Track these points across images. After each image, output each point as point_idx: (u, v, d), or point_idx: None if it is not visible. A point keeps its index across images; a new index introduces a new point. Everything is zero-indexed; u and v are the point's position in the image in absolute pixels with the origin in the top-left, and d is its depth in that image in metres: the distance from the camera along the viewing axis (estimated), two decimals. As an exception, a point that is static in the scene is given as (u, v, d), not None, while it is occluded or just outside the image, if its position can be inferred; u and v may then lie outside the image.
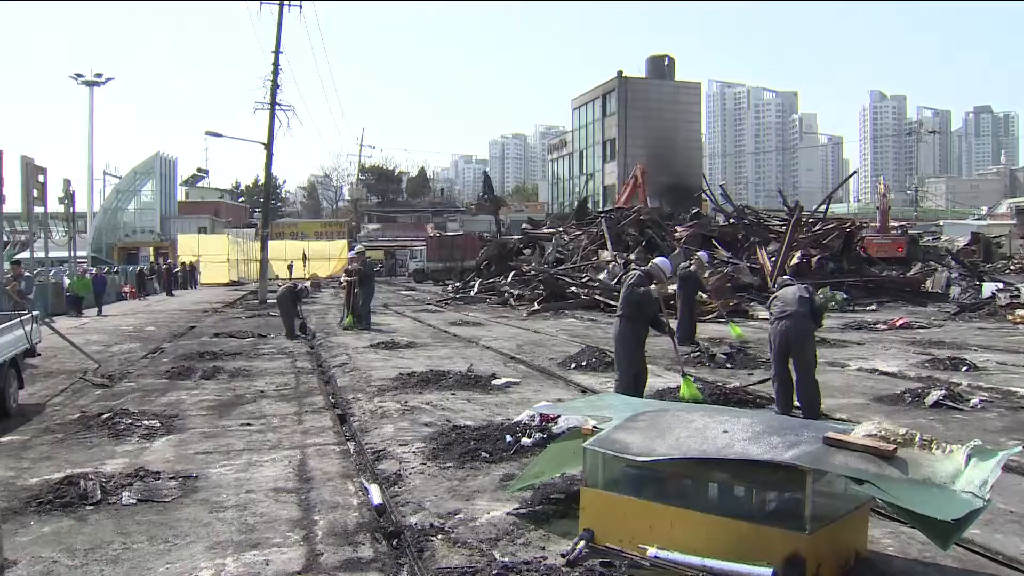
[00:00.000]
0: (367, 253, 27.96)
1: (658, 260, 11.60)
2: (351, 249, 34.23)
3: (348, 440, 9.21)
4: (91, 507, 6.65)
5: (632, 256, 32.10)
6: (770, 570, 4.67)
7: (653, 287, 10.70)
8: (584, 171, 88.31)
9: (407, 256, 71.85)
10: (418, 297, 39.96)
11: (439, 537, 5.91)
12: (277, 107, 37.21)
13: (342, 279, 26.52)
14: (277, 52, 37.09)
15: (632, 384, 10.35)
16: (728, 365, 14.73)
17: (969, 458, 4.98)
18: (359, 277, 22.53)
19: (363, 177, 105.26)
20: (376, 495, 6.92)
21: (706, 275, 21.97)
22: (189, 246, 62.11)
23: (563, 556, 5.38)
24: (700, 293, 20.61)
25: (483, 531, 6.03)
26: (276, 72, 37.24)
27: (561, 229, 40.96)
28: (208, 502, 6.82)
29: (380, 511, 6.58)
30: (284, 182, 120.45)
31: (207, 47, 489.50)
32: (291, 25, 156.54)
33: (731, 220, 38.41)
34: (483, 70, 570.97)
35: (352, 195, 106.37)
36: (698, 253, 21.40)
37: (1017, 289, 29.71)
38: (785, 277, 11.87)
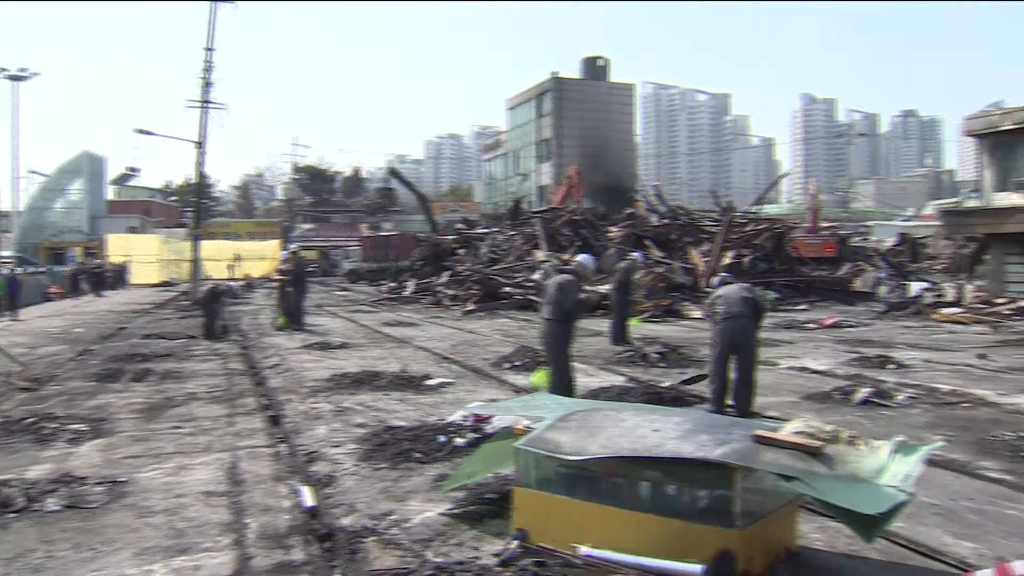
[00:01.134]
0: (301, 253, 27.73)
1: (582, 258, 11.71)
2: (284, 249, 33.95)
3: (280, 442, 9.10)
4: (13, 515, 6.47)
5: (542, 255, 32.27)
6: (701, 567, 4.73)
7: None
8: (519, 171, 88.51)
9: (341, 256, 71.45)
10: (352, 297, 39.73)
11: (372, 539, 5.88)
12: (209, 105, 36.75)
13: (275, 279, 26.25)
14: (209, 49, 36.60)
15: (564, 384, 10.42)
16: (661, 364, 14.86)
17: (893, 453, 5.10)
18: (292, 277, 22.34)
19: (297, 176, 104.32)
20: (308, 497, 6.85)
21: (640, 275, 22.13)
22: (119, 246, 61.05)
23: (496, 556, 5.39)
24: (634, 293, 20.77)
25: (416, 532, 6.02)
26: (208, 69, 36.75)
27: (496, 229, 40.99)
28: (136, 507, 6.70)
29: (312, 513, 6.52)
30: (218, 181, 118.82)
31: (138, 44, 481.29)
32: (225, 23, 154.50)
33: (665, 220, 38.70)
34: (418, 69, 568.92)
35: (286, 195, 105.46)
36: (633, 254, 21.58)
37: (942, 289, 30.39)
38: (725, 275, 11.93)
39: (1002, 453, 8.43)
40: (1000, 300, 27.45)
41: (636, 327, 18.25)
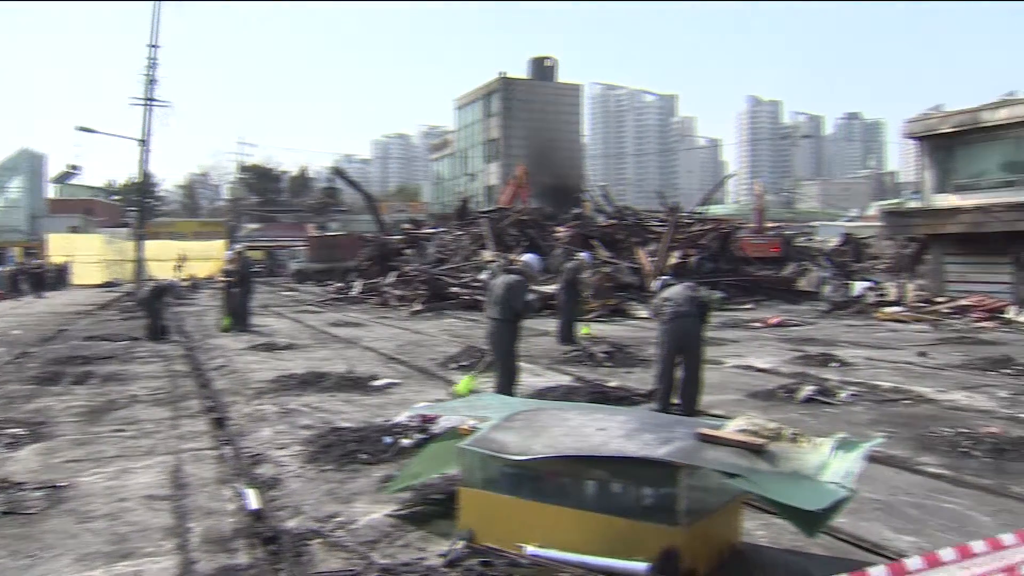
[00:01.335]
0: (246, 253, 27.46)
1: (528, 258, 11.76)
2: (230, 249, 33.59)
3: (225, 444, 8.99)
4: (-52, 522, 6.36)
5: (489, 255, 32.31)
6: (646, 565, 4.75)
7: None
8: (467, 171, 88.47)
9: (288, 256, 70.88)
10: (299, 298, 39.42)
11: (317, 541, 5.84)
12: (153, 103, 36.30)
13: (220, 280, 25.95)
14: (153, 46, 36.18)
15: (510, 383, 10.45)
16: (608, 364, 14.93)
17: (835, 450, 5.16)
18: (237, 278, 22.13)
19: (243, 176, 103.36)
20: (253, 500, 6.78)
21: (587, 275, 22.20)
22: (60, 246, 59.95)
23: (442, 556, 5.37)
24: (582, 293, 20.83)
25: (362, 533, 5.99)
26: (153, 67, 36.34)
27: (443, 229, 40.93)
28: (77, 512, 6.59)
29: (257, 516, 6.44)
30: (162, 180, 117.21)
31: (81, 40, 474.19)
32: (170, 19, 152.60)
33: (612, 221, 38.88)
34: (367, 69, 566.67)
35: (232, 194, 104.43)
36: (581, 254, 21.66)
37: (884, 288, 30.87)
38: (667, 277, 12.01)
39: (941, 448, 8.58)
40: (940, 299, 27.96)
41: (586, 334, 18.28)
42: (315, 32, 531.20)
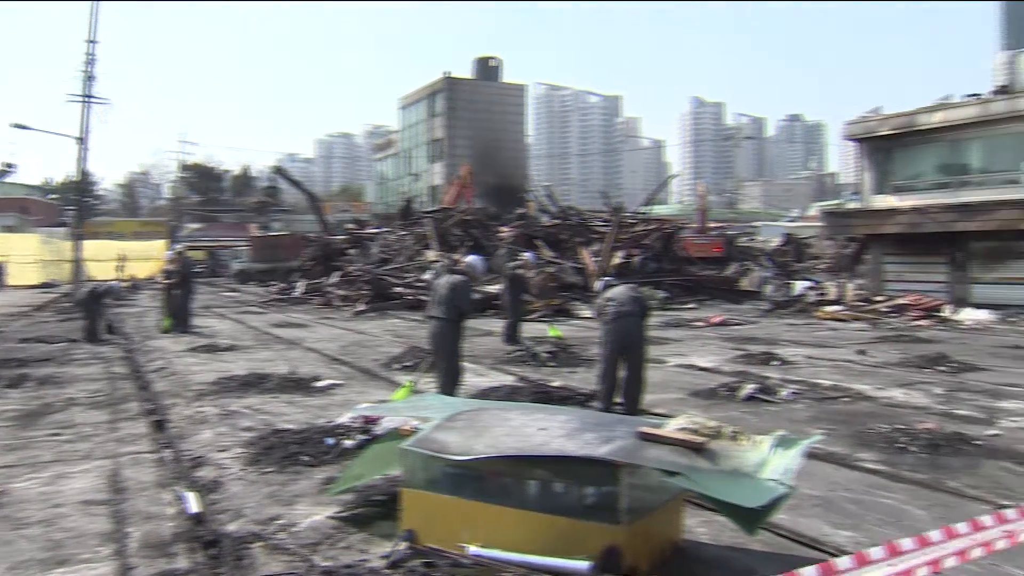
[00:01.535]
0: (187, 253, 27.10)
1: (472, 259, 11.77)
2: (171, 249, 33.14)
3: (165, 447, 8.87)
4: None
5: (433, 255, 32.29)
6: (588, 563, 4.77)
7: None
8: (411, 171, 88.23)
9: (230, 256, 70.10)
10: (241, 299, 39.03)
11: (258, 544, 5.77)
12: (91, 100, 35.71)
13: (160, 280, 25.59)
14: (91, 42, 35.58)
15: (453, 384, 10.44)
16: (551, 363, 14.97)
17: (774, 447, 5.22)
18: (178, 278, 21.86)
19: (184, 175, 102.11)
20: (193, 503, 6.70)
21: (532, 275, 22.25)
22: (-6, 245, 58.74)
23: (384, 558, 5.35)
24: (527, 293, 20.87)
25: (304, 536, 5.94)
26: (91, 63, 35.73)
27: (387, 229, 40.79)
28: (10, 519, 6.44)
29: (197, 520, 6.36)
30: (101, 179, 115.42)
31: (15, 36, 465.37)
32: (110, 16, 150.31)
33: (556, 221, 39.00)
34: (310, 68, 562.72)
35: (172, 193, 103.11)
36: (525, 254, 21.71)
37: (825, 287, 31.30)
38: (608, 278, 12.05)
39: (878, 445, 8.72)
40: (879, 298, 28.42)
41: (555, 335, 18.26)
42: (258, 30, 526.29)
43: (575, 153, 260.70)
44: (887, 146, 33.61)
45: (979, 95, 32.03)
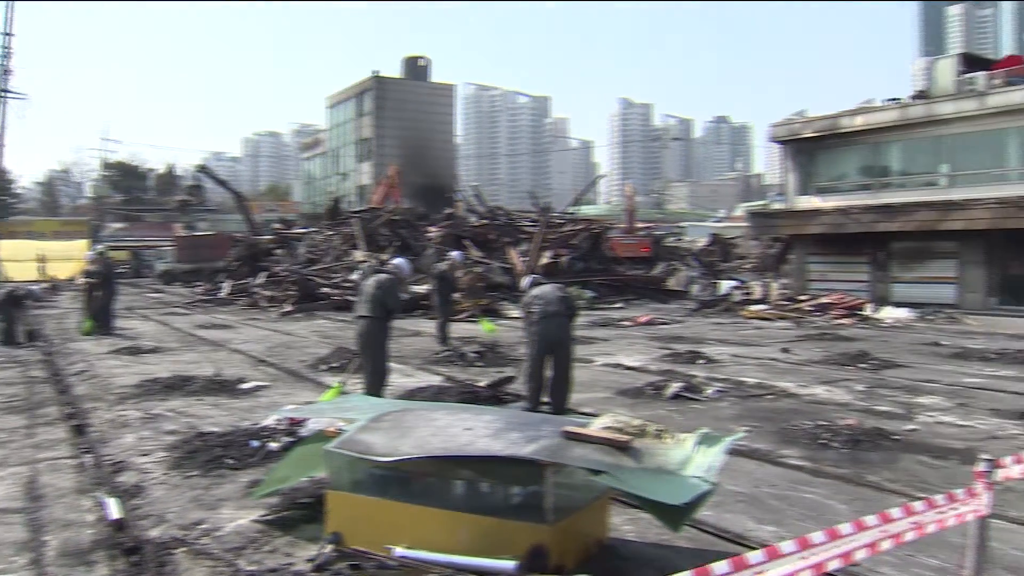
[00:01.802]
0: (109, 253, 26.59)
1: (398, 261, 11.74)
2: (92, 249, 32.46)
3: (85, 452, 8.68)
4: None
5: (361, 255, 32.12)
6: (514, 563, 4.78)
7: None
8: (338, 170, 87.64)
9: (154, 257, 68.88)
10: (166, 300, 38.34)
11: (182, 550, 5.68)
12: (8, 94, 34.87)
13: (81, 281, 25.04)
14: (7, 34, 34.73)
15: (379, 384, 10.40)
16: (478, 363, 14.98)
17: (698, 445, 5.27)
18: (99, 279, 21.43)
19: (107, 173, 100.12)
20: (114, 510, 6.56)
21: (460, 275, 22.21)
22: (-98, 247, 56.95)
23: (310, 561, 5.31)
24: (455, 293, 20.83)
25: (228, 540, 5.86)
26: (6, 56, 34.88)
27: (314, 229, 40.46)
28: (-79, 528, 6.27)
29: (118, 526, 6.23)
30: (19, 177, 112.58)
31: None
32: (28, 11, 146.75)
33: (484, 221, 39.00)
34: (237, 66, 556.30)
35: (94, 192, 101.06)
36: (452, 253, 21.64)
37: (750, 287, 31.74)
38: (535, 276, 12.06)
39: (802, 441, 8.87)
40: (802, 297, 28.90)
41: (489, 330, 18.25)
42: (184, 26, 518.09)
43: (504, 153, 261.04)
44: (811, 148, 34.21)
45: (899, 99, 32.75)
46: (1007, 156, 29.05)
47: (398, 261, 11.75)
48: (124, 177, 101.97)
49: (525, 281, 11.57)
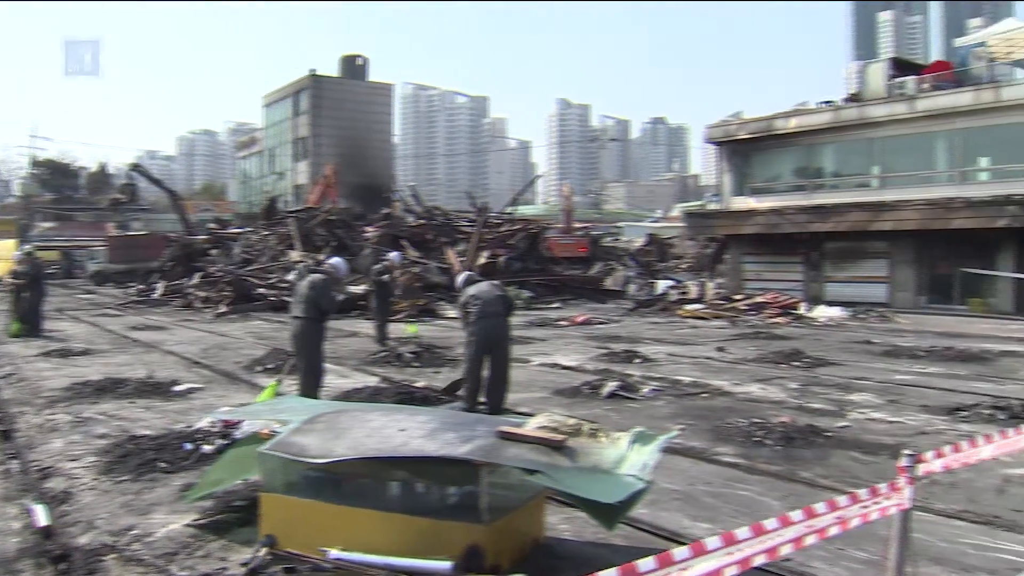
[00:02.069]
0: (37, 254, 26.04)
1: (334, 261, 11.63)
2: (19, 250, 31.75)
3: (11, 458, 8.48)
4: None
5: (297, 255, 31.91)
6: (450, 563, 4.76)
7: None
8: (275, 170, 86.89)
9: (86, 257, 67.65)
10: (97, 301, 37.66)
11: (112, 556, 5.57)
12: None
13: (8, 282, 24.49)
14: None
15: (314, 385, 10.32)
16: (415, 364, 14.94)
17: (632, 444, 5.30)
18: (27, 280, 21.00)
19: (36, 171, 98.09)
20: (41, 516, 6.41)
21: (398, 275, 22.13)
22: None
23: (244, 565, 5.25)
24: (393, 293, 20.75)
25: (160, 546, 5.76)
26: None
27: (249, 229, 40.07)
28: None
29: (46, 533, 6.09)
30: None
31: None
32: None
33: (421, 221, 38.92)
34: (171, 63, 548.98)
35: (23, 191, 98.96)
36: (391, 254, 21.55)
37: (686, 286, 32.03)
38: (470, 273, 11.97)
39: (736, 439, 8.97)
40: (738, 296, 29.22)
41: (412, 332, 18.18)
42: (116, 22, 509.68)
43: (442, 153, 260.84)
44: (746, 149, 34.65)
45: (832, 102, 33.30)
46: (935, 159, 29.70)
47: (334, 261, 11.65)
48: (54, 175, 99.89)
49: (459, 279, 11.51)
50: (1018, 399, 10.97)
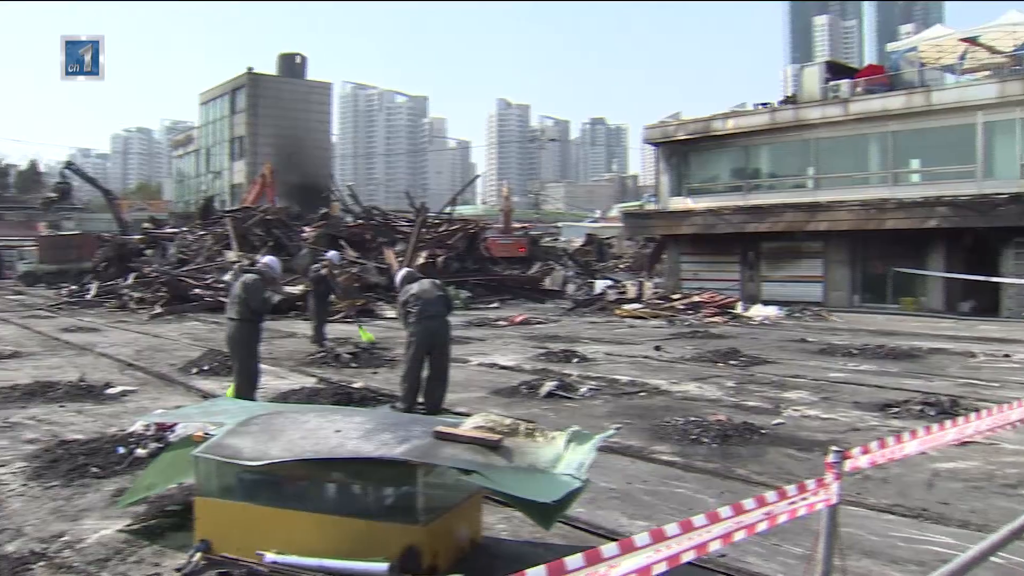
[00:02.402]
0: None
1: (267, 259, 11.53)
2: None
3: (-64, 464, 8.29)
4: None
5: (233, 256, 31.63)
6: (386, 565, 4.74)
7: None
8: (211, 169, 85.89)
9: (16, 257, 66.30)
10: (28, 302, 36.91)
11: (41, 564, 5.44)
12: None
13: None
14: None
15: (250, 386, 10.23)
16: (353, 364, 14.86)
17: (568, 443, 5.32)
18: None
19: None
20: (-33, 523, 6.28)
21: (336, 275, 21.97)
22: None
23: (178, 571, 5.17)
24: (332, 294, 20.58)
25: (91, 552, 5.65)
26: None
27: (185, 229, 39.58)
28: None
29: (-28, 541, 5.97)
30: None
31: None
32: None
33: (359, 221, 38.73)
34: (106, 59, 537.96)
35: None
36: (329, 254, 21.39)
37: (625, 286, 32.23)
38: (411, 270, 11.82)
39: (673, 437, 9.03)
40: (675, 296, 29.46)
41: (367, 339, 17.95)
42: (47, 16, 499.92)
43: (381, 153, 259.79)
44: (684, 150, 34.98)
45: (769, 104, 33.74)
46: (868, 160, 30.24)
47: (267, 260, 11.52)
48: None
49: (399, 275, 11.41)
50: (947, 395, 11.20)
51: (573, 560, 2.68)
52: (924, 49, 32.83)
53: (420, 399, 10.42)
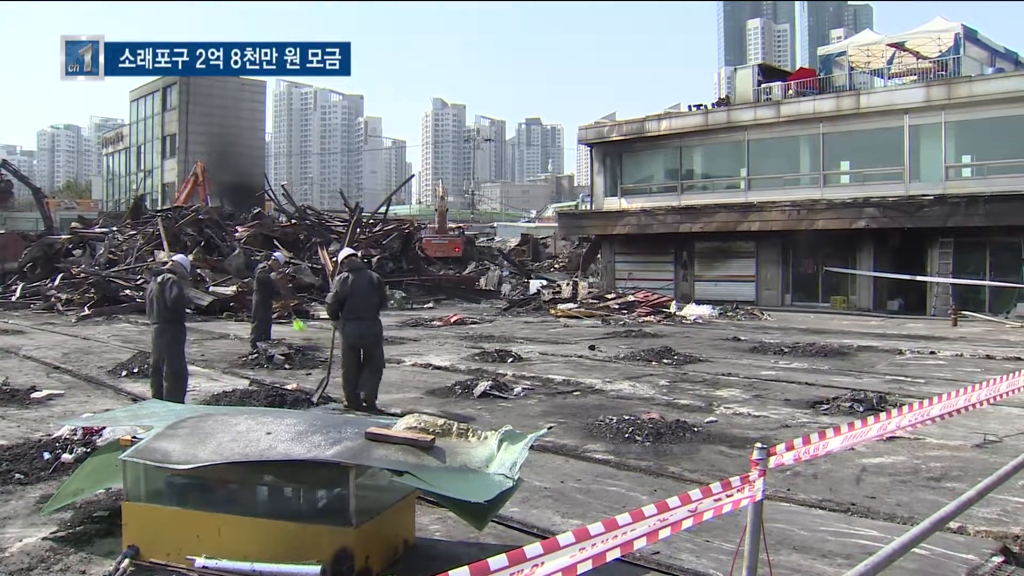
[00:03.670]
0: None
1: (177, 257, 11.43)
2: None
3: None
4: None
5: (164, 256, 31.16)
6: (318, 567, 4.71)
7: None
8: (142, 167, 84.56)
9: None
10: (-50, 304, 36.08)
11: (-40, 574, 5.35)
12: None
13: None
14: None
15: (178, 388, 10.11)
16: (286, 366, 14.73)
17: (501, 443, 5.33)
18: None
19: None
20: None
21: (278, 276, 21.73)
22: None
23: (105, 578, 5.09)
24: (275, 295, 20.40)
25: (15, 561, 5.52)
26: None
27: (115, 228, 38.92)
28: None
29: None
30: None
31: None
32: None
33: (293, 220, 38.44)
34: (31, 53, 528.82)
35: None
36: (274, 254, 21.21)
37: (560, 286, 32.35)
38: (353, 253, 11.64)
39: (607, 436, 9.08)
40: (610, 295, 29.63)
41: (298, 329, 17.88)
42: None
43: (316, 152, 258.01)
44: (618, 151, 35.20)
45: (703, 105, 34.10)
46: (800, 162, 30.71)
47: (177, 258, 11.40)
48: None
49: (341, 254, 11.33)
50: (875, 391, 11.42)
51: (497, 560, 2.68)
52: (854, 53, 33.42)
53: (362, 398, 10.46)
